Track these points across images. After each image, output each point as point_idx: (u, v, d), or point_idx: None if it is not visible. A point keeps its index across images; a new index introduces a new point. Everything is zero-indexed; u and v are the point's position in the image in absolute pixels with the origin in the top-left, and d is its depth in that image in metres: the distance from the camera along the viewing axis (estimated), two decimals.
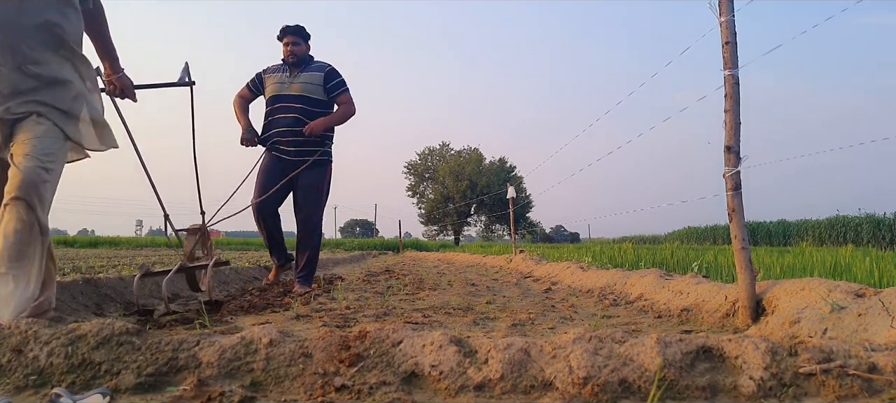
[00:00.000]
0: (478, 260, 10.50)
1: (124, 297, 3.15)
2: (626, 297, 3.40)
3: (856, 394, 1.15)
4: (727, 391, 1.19)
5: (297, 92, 3.90)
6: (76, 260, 7.35)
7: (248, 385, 1.28)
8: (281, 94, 3.93)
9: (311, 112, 3.91)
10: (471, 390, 1.24)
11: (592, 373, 1.21)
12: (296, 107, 3.89)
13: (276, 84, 3.98)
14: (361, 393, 1.23)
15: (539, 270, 6.09)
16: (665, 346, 1.26)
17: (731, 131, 2.24)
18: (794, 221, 29.40)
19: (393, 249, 24.78)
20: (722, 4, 2.28)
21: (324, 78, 3.96)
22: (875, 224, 22.97)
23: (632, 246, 8.16)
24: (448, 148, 48.76)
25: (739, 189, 2.23)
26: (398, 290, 4.17)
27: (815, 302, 1.98)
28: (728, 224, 2.28)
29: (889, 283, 2.83)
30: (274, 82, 3.99)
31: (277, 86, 3.96)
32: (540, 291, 4.17)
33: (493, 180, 44.08)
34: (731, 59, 2.26)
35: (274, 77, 4.02)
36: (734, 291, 2.38)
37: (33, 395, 1.26)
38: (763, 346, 1.24)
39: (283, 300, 3.37)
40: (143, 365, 1.32)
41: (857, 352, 1.23)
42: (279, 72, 4.03)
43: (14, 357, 1.34)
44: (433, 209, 46.30)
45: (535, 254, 8.07)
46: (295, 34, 4.00)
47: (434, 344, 1.34)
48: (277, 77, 4.00)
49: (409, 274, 6.24)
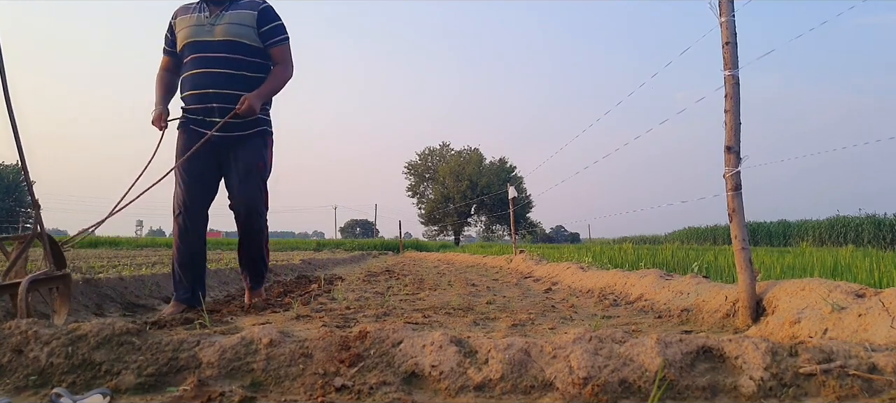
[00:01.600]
0: (478, 261, 10.50)
1: (124, 297, 3.15)
2: (626, 297, 3.40)
3: (856, 394, 1.15)
4: (727, 391, 1.19)
5: (222, 36, 2.85)
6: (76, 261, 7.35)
7: (249, 386, 1.28)
8: (198, 41, 2.87)
9: (243, 62, 2.88)
10: (471, 390, 1.24)
11: (592, 373, 1.21)
12: (221, 57, 2.85)
13: (189, 27, 2.90)
14: (361, 393, 1.23)
15: (539, 270, 6.09)
16: (665, 346, 1.26)
17: (731, 131, 2.24)
18: (795, 221, 29.43)
19: (393, 249, 24.77)
20: (722, 5, 2.28)
21: (256, 18, 2.91)
22: (875, 224, 22.97)
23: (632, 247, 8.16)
24: (448, 148, 48.79)
25: (739, 189, 2.23)
26: (398, 290, 4.17)
27: (815, 302, 1.98)
28: (728, 224, 2.28)
29: (889, 284, 2.83)
30: (187, 26, 2.91)
31: (193, 30, 2.89)
32: (540, 291, 4.17)
33: (494, 180, 44.08)
34: (732, 59, 2.26)
35: (187, 19, 2.93)
36: (734, 291, 2.38)
37: (33, 395, 1.26)
38: (763, 346, 1.24)
39: (284, 300, 3.38)
40: (144, 365, 1.32)
41: (857, 352, 1.23)
42: (194, 12, 2.94)
43: (14, 357, 1.34)
44: (433, 209, 46.29)
45: (536, 255, 8.06)
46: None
47: (434, 345, 1.34)
48: (192, 19, 2.92)
49: (410, 275, 6.24)
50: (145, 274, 3.89)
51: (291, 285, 4.63)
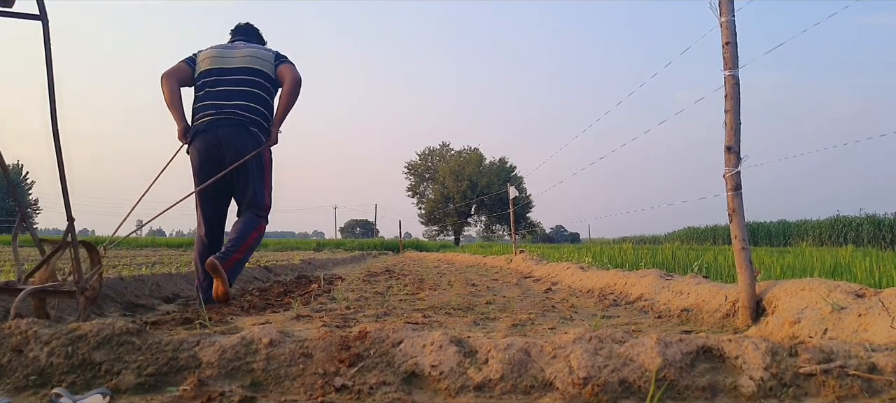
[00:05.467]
0: (478, 261, 10.50)
1: (124, 297, 3.15)
2: (626, 297, 3.40)
3: (856, 394, 1.15)
4: (727, 391, 1.19)
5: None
6: None
7: (249, 385, 1.28)
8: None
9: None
10: (471, 390, 1.24)
11: (592, 373, 1.21)
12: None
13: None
14: (361, 393, 1.23)
15: (539, 270, 6.09)
16: (665, 346, 1.26)
17: (731, 131, 2.24)
18: (795, 221, 29.41)
19: (393, 249, 24.77)
20: (722, 5, 2.28)
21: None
22: (875, 224, 22.97)
23: (632, 247, 8.16)
24: (448, 148, 48.78)
25: (739, 189, 2.23)
26: (398, 290, 4.17)
27: (815, 302, 1.98)
28: (728, 224, 2.28)
29: (889, 284, 2.83)
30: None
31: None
32: (540, 291, 4.17)
33: (494, 180, 44.07)
34: (732, 59, 2.26)
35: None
36: (734, 291, 2.38)
37: (33, 395, 1.26)
38: (763, 346, 1.24)
39: (284, 300, 3.38)
40: (144, 365, 1.32)
41: (857, 352, 1.23)
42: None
43: (14, 357, 1.34)
44: (433, 209, 46.29)
45: (536, 254, 8.06)
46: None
47: (434, 345, 1.34)
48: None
49: (410, 275, 6.24)
50: (145, 273, 3.89)
51: (291, 285, 4.63)
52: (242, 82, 3.13)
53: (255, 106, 3.14)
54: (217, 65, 3.16)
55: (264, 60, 3.23)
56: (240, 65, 3.16)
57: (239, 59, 3.18)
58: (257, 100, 3.15)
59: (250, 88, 3.14)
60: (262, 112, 3.18)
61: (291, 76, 3.19)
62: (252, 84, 3.15)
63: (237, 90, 3.11)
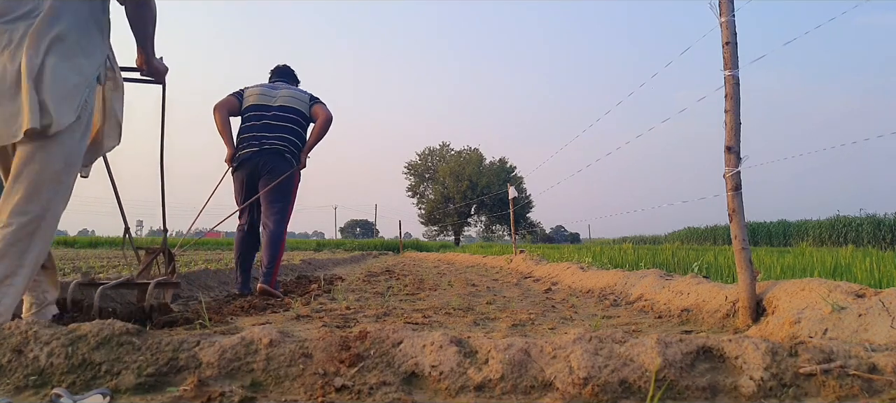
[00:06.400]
0: (478, 261, 10.50)
1: (124, 297, 3.14)
2: (626, 298, 3.40)
3: (856, 395, 1.15)
4: (727, 391, 1.19)
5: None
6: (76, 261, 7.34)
7: (249, 386, 1.28)
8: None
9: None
10: (471, 390, 1.24)
11: (592, 374, 1.21)
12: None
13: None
14: (361, 394, 1.22)
15: (539, 270, 6.09)
16: (665, 346, 1.26)
17: (731, 131, 2.24)
18: (795, 221, 29.41)
19: (393, 250, 24.77)
20: (722, 5, 2.28)
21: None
22: (875, 224, 22.97)
23: (632, 247, 8.16)
24: (448, 148, 48.78)
25: (739, 189, 2.23)
26: (398, 291, 4.17)
27: (815, 302, 1.98)
28: (728, 224, 2.28)
29: (889, 284, 2.83)
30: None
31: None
32: (540, 291, 4.17)
33: (494, 180, 44.09)
34: (732, 59, 2.26)
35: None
36: (734, 291, 2.38)
37: (33, 395, 1.26)
38: (763, 346, 1.24)
39: (284, 300, 3.38)
40: (144, 365, 1.32)
41: (857, 353, 1.23)
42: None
43: (14, 358, 1.34)
44: (433, 209, 46.30)
45: (536, 255, 8.06)
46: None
47: (434, 345, 1.34)
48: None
49: (410, 275, 6.24)
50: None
51: (291, 285, 4.63)
52: (282, 119, 3.80)
53: (290, 138, 3.80)
54: (262, 101, 3.84)
55: (301, 101, 3.93)
56: (280, 103, 3.84)
57: (280, 98, 3.87)
58: (293, 133, 3.82)
59: (288, 123, 3.81)
60: (296, 143, 3.84)
61: (324, 115, 3.90)
62: (290, 120, 3.83)
63: (277, 124, 3.78)
